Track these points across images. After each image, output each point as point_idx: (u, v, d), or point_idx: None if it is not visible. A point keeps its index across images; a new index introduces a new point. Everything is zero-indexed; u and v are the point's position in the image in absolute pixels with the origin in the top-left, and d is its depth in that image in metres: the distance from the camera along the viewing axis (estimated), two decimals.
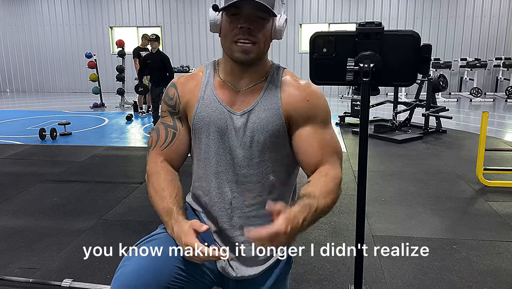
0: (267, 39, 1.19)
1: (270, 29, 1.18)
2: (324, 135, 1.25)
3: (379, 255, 3.09)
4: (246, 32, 1.13)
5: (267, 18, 1.16)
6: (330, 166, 1.24)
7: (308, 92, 1.25)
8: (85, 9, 14.34)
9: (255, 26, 1.14)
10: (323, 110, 1.26)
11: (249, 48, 1.15)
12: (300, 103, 1.23)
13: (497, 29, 12.96)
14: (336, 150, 1.27)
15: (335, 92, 13.74)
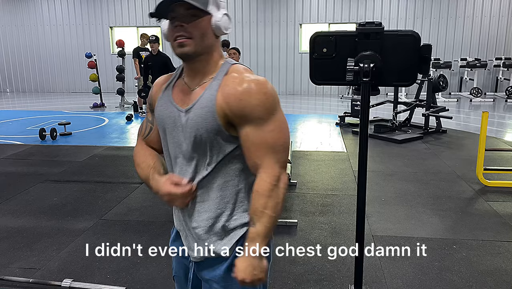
0: (205, 34, 1.26)
1: (207, 25, 1.26)
2: (259, 135, 1.23)
3: (379, 255, 3.10)
4: (180, 29, 1.24)
5: (200, 15, 1.24)
6: (263, 170, 1.24)
7: (242, 91, 1.22)
8: (85, 9, 14.34)
9: (189, 23, 1.24)
10: (257, 107, 1.22)
11: (184, 41, 1.24)
12: (233, 103, 1.23)
13: (497, 29, 12.96)
14: (272, 146, 1.23)
15: (335, 92, 13.74)
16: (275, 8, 13.42)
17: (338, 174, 5.07)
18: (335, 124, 8.30)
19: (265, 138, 1.23)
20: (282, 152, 1.25)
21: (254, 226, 1.24)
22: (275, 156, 1.24)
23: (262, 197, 1.22)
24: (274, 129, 1.24)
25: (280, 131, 1.25)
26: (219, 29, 1.28)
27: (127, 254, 3.15)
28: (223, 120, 1.24)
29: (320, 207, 4.05)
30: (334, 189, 4.54)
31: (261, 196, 1.23)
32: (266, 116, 1.23)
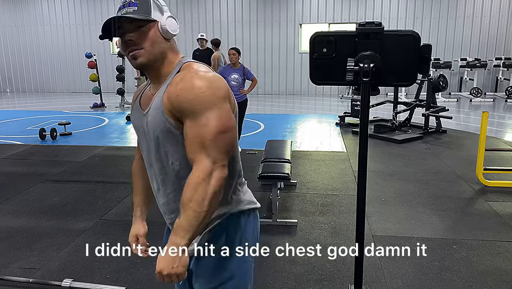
0: (154, 42, 1.30)
1: (155, 32, 1.30)
2: (193, 129, 1.23)
3: (379, 255, 3.10)
4: (130, 43, 1.29)
5: (145, 25, 1.28)
6: (195, 165, 1.24)
7: (181, 86, 1.25)
8: (85, 9, 14.34)
9: (136, 36, 1.28)
10: (193, 101, 1.22)
11: (136, 53, 1.29)
12: (173, 99, 1.25)
13: (497, 29, 12.96)
14: (203, 141, 1.22)
15: (335, 92, 13.74)
16: (275, 8, 13.42)
17: (338, 174, 5.07)
18: (335, 124, 8.31)
19: (198, 132, 1.22)
20: (215, 147, 1.22)
21: (179, 218, 1.23)
22: (206, 150, 1.22)
23: (189, 190, 1.21)
24: (207, 124, 1.22)
25: (213, 126, 1.22)
26: (167, 33, 1.32)
27: (127, 254, 3.14)
28: (172, 119, 1.27)
29: (320, 207, 4.05)
30: (334, 189, 4.54)
31: (188, 189, 1.22)
32: (201, 111, 1.22)
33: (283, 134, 7.47)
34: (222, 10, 13.58)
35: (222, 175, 1.23)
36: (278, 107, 10.95)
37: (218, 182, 1.22)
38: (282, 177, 3.65)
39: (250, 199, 1.45)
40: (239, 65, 5.79)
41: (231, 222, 1.39)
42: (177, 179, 1.35)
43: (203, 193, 1.20)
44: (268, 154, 4.28)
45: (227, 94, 1.29)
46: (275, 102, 11.96)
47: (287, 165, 3.87)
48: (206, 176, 1.21)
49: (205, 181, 1.21)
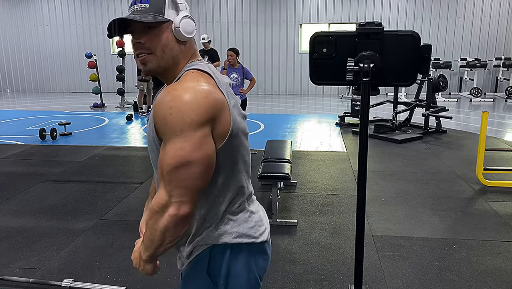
0: (165, 45, 1.18)
1: (167, 34, 1.18)
2: (161, 154, 1.11)
3: (379, 255, 3.10)
4: (138, 46, 1.18)
5: (156, 26, 1.16)
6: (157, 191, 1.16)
7: (157, 101, 1.11)
8: (85, 9, 14.34)
9: (146, 38, 1.17)
10: (162, 121, 1.08)
11: (145, 58, 1.19)
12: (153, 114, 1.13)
13: (497, 29, 12.96)
14: (162, 167, 1.09)
15: (335, 92, 13.74)
16: (275, 8, 13.41)
17: (338, 174, 5.07)
18: (335, 124, 8.31)
19: (161, 158, 1.10)
20: (171, 181, 1.08)
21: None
22: (163, 180, 1.10)
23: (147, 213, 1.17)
24: (167, 152, 1.08)
25: (170, 157, 1.07)
26: (180, 35, 1.18)
27: (127, 254, 3.15)
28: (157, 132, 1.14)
29: (320, 207, 4.05)
30: (334, 189, 4.54)
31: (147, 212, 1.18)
32: (167, 134, 1.08)
33: (283, 134, 7.47)
34: (222, 10, 13.58)
35: (178, 212, 1.09)
36: (278, 107, 10.95)
37: (170, 219, 1.09)
38: (282, 177, 3.65)
39: (245, 232, 1.25)
40: (238, 65, 5.80)
41: (213, 255, 1.25)
42: None
43: (155, 224, 1.12)
44: (268, 154, 4.28)
45: (204, 118, 1.08)
46: (275, 102, 11.96)
47: (287, 165, 3.87)
48: (160, 208, 1.10)
49: (158, 213, 1.11)
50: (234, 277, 1.26)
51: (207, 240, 1.24)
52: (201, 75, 1.17)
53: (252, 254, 1.28)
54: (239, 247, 1.25)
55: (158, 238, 1.13)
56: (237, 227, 1.25)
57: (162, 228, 1.11)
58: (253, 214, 1.30)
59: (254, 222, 1.29)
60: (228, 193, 1.23)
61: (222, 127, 1.13)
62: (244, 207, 1.28)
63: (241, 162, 1.23)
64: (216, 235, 1.24)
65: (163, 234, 1.12)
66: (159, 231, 1.12)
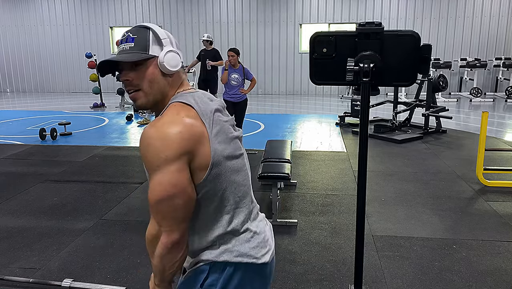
0: (152, 80, 1.24)
1: (153, 69, 1.24)
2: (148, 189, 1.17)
3: (379, 255, 3.10)
4: (127, 84, 1.24)
5: (142, 63, 1.22)
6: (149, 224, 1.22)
7: (140, 138, 1.17)
8: (85, 9, 14.34)
9: (133, 75, 1.23)
10: (143, 157, 1.16)
11: (134, 95, 1.25)
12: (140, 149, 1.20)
13: (497, 29, 12.96)
14: (148, 200, 1.16)
15: (335, 92, 13.74)
16: (275, 8, 13.41)
17: (338, 174, 5.07)
18: (335, 124, 8.31)
19: (148, 192, 1.17)
20: (157, 213, 1.16)
21: None
22: (152, 212, 1.17)
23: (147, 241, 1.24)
24: (150, 187, 1.15)
25: (152, 192, 1.14)
26: (165, 69, 1.24)
27: (127, 254, 3.15)
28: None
29: (320, 207, 4.05)
30: (334, 189, 4.54)
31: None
32: (148, 170, 1.15)
33: (283, 134, 7.47)
34: (222, 10, 13.58)
35: (169, 240, 1.16)
36: (278, 107, 10.94)
37: (163, 246, 1.16)
38: (282, 177, 3.65)
39: (246, 251, 1.27)
40: (239, 65, 5.80)
41: (212, 270, 1.27)
42: None
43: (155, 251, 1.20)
44: (268, 154, 4.28)
45: (178, 152, 1.12)
46: (275, 102, 11.96)
47: (287, 165, 3.87)
48: (153, 237, 1.20)
49: (152, 242, 1.20)
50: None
51: (208, 256, 1.26)
52: (182, 107, 1.20)
53: (250, 274, 1.29)
54: (239, 266, 1.26)
55: (159, 265, 1.21)
56: (238, 246, 1.27)
57: (158, 255, 1.19)
58: (256, 234, 1.31)
59: (257, 243, 1.30)
60: (222, 217, 1.25)
61: (201, 159, 1.17)
62: (247, 228, 1.29)
63: (232, 187, 1.25)
64: (217, 253, 1.26)
65: (161, 260, 1.19)
66: (157, 258, 1.19)
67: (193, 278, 1.29)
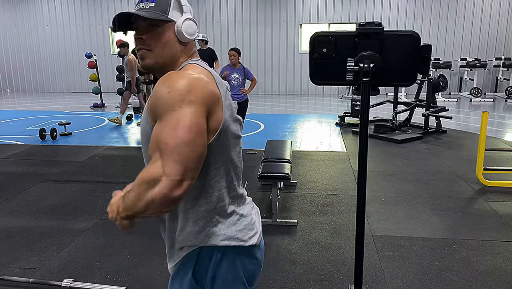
0: (166, 44, 1.22)
1: (169, 33, 1.22)
2: (156, 128, 1.11)
3: (379, 255, 3.10)
4: (139, 42, 1.22)
5: (159, 25, 1.20)
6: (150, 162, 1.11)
7: (156, 86, 1.14)
8: (85, 9, 14.34)
9: (148, 35, 1.21)
10: (159, 101, 1.10)
11: (144, 54, 1.22)
12: (151, 99, 1.14)
13: (497, 29, 12.96)
14: (159, 142, 1.07)
15: (335, 92, 13.74)
16: (275, 8, 13.42)
17: (338, 174, 5.07)
18: (335, 124, 8.31)
19: (158, 132, 1.09)
20: (167, 154, 1.05)
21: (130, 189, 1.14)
22: (160, 152, 1.07)
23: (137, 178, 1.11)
24: (167, 124, 1.07)
25: (172, 129, 1.06)
26: (182, 36, 1.23)
27: (127, 254, 3.15)
28: (152, 122, 1.15)
29: (320, 207, 4.05)
30: (334, 189, 4.54)
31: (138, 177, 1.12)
32: (164, 111, 1.08)
33: (283, 134, 7.47)
34: (222, 10, 13.58)
35: (171, 193, 1.04)
36: (278, 107, 10.95)
37: (159, 196, 1.05)
38: (282, 177, 3.65)
39: (233, 234, 1.25)
40: (239, 65, 5.80)
41: (200, 257, 1.25)
42: None
43: (143, 194, 1.08)
44: (268, 154, 4.28)
45: (205, 100, 1.11)
46: (275, 102, 11.96)
47: (287, 165, 3.87)
48: (152, 181, 1.06)
49: (148, 184, 1.07)
50: (220, 280, 1.26)
51: (194, 241, 1.24)
52: (202, 70, 1.20)
53: (239, 257, 1.27)
54: (227, 250, 1.25)
55: (141, 207, 1.09)
56: (225, 229, 1.24)
57: (148, 200, 1.07)
58: (243, 217, 1.29)
59: (244, 225, 1.28)
60: (214, 192, 1.22)
61: (214, 120, 1.14)
62: (234, 210, 1.27)
63: (230, 163, 1.24)
64: (203, 236, 1.23)
65: (146, 206, 1.08)
66: (144, 202, 1.07)
67: (182, 269, 1.28)
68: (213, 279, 1.26)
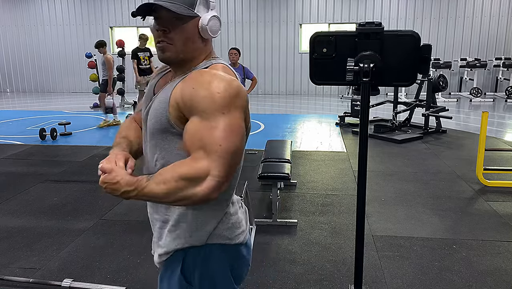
0: (188, 39, 1.18)
1: (192, 29, 1.18)
2: (199, 126, 1.09)
3: (379, 255, 3.10)
4: (161, 34, 1.17)
5: (185, 19, 1.16)
6: (190, 158, 1.09)
7: (197, 81, 1.12)
8: (85, 9, 14.33)
9: (171, 28, 1.16)
10: (206, 99, 1.09)
11: (164, 46, 1.18)
12: (186, 91, 1.12)
13: (497, 29, 12.96)
14: (207, 143, 1.07)
15: (335, 92, 13.74)
16: (275, 8, 13.41)
17: (338, 174, 5.07)
18: (335, 124, 8.30)
19: (202, 132, 1.08)
20: (223, 156, 1.06)
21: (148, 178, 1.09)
22: (208, 153, 1.06)
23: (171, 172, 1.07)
24: (217, 127, 1.07)
25: (224, 131, 1.07)
26: (207, 32, 1.19)
27: (127, 254, 3.15)
28: (175, 113, 1.14)
29: (320, 207, 4.05)
30: (334, 189, 4.54)
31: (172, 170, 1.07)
32: (212, 112, 1.08)
33: (283, 134, 7.47)
34: (222, 10, 13.58)
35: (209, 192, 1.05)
36: (278, 107, 10.94)
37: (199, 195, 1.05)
38: (282, 177, 3.65)
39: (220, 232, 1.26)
40: (239, 65, 5.80)
41: (188, 254, 1.25)
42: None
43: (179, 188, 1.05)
44: (268, 154, 4.28)
45: (245, 105, 1.14)
46: (275, 102, 11.96)
47: (287, 165, 3.87)
48: (196, 177, 1.05)
49: (190, 181, 1.05)
50: (207, 278, 1.26)
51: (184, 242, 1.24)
52: (231, 72, 1.22)
53: (226, 255, 1.28)
54: (214, 248, 1.25)
55: (171, 200, 1.08)
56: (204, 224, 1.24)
57: (184, 196, 1.06)
58: (230, 215, 1.28)
59: (231, 224, 1.28)
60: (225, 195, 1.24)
61: (246, 121, 1.19)
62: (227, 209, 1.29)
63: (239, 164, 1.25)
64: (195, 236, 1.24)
65: (179, 200, 1.08)
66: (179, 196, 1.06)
67: (171, 267, 1.29)
68: (201, 276, 1.26)
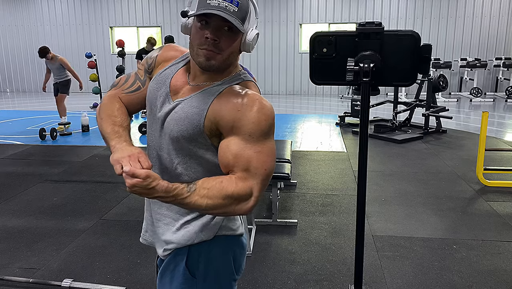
0: (234, 52, 1.20)
1: (238, 42, 1.20)
2: (245, 148, 1.14)
3: (379, 255, 3.10)
4: (211, 44, 1.15)
5: (235, 31, 1.16)
6: (236, 177, 1.14)
7: (243, 102, 1.15)
8: (85, 9, 14.33)
9: (222, 39, 1.16)
10: (252, 124, 1.13)
11: (212, 54, 1.16)
12: (230, 111, 1.15)
13: (497, 29, 12.96)
14: (250, 166, 1.13)
15: (335, 92, 13.74)
16: (275, 8, 13.41)
17: (338, 174, 5.07)
18: (335, 124, 8.30)
19: (250, 154, 1.13)
20: (264, 179, 1.16)
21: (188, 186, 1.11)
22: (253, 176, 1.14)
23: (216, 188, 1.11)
24: (262, 151, 1.15)
25: (267, 156, 1.16)
26: (248, 47, 1.22)
27: (127, 254, 3.15)
28: (210, 127, 1.17)
29: (320, 207, 4.05)
30: (334, 189, 4.54)
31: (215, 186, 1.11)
32: (257, 136, 1.14)
33: (283, 134, 7.47)
34: None
35: (248, 211, 1.16)
36: (278, 107, 10.94)
37: (238, 212, 1.15)
38: (282, 177, 3.65)
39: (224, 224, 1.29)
40: None
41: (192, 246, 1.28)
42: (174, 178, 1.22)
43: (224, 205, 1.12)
44: None
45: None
46: (275, 102, 11.96)
47: (287, 165, 3.87)
48: (242, 197, 1.13)
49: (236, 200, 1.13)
50: (212, 270, 1.28)
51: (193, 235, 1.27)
52: (257, 90, 1.26)
53: (230, 246, 1.32)
54: (218, 239, 1.29)
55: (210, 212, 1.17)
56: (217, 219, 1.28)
57: (226, 212, 1.15)
58: None
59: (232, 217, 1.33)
60: None
61: None
62: None
63: None
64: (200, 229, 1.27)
65: (217, 213, 1.18)
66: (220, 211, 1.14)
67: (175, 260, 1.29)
68: (206, 269, 1.28)
